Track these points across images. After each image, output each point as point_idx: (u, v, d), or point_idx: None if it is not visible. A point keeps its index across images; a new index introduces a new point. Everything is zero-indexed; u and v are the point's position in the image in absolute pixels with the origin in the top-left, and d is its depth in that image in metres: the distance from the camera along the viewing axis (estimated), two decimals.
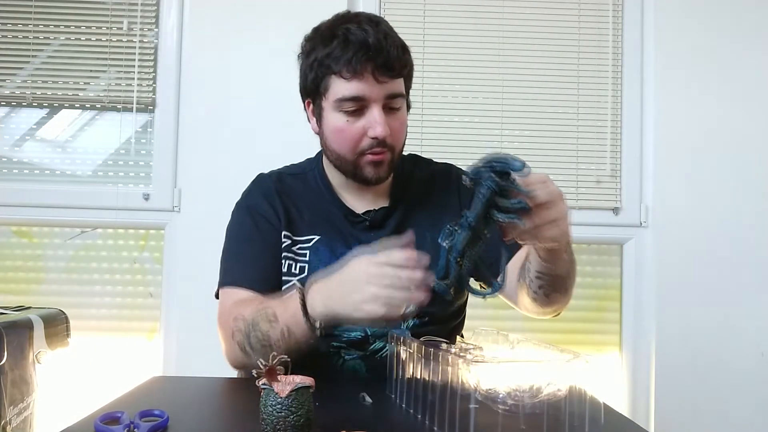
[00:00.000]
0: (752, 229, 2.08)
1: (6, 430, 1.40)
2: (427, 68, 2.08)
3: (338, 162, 1.10)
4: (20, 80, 2.08)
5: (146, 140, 2.09)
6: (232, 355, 1.03)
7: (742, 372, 2.05)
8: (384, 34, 1.01)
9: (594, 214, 2.11)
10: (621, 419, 0.85)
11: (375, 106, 1.02)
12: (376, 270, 0.84)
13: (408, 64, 1.07)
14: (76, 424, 0.77)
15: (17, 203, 2.03)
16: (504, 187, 0.76)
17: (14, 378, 1.44)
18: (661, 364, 2.05)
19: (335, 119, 1.05)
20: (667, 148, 2.09)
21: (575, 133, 2.13)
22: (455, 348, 0.83)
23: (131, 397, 0.92)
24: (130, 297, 2.08)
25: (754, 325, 2.06)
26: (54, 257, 2.07)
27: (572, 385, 0.75)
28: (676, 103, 2.10)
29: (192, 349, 1.96)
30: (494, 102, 2.12)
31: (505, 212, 0.77)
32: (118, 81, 2.08)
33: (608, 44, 2.14)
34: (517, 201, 0.76)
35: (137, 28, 2.09)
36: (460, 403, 0.72)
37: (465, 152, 2.10)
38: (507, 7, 2.14)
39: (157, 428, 0.74)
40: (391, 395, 0.92)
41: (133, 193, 2.05)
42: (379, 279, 0.83)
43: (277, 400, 0.70)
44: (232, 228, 1.17)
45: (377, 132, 1.02)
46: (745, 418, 2.04)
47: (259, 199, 1.16)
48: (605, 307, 2.15)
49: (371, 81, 1.01)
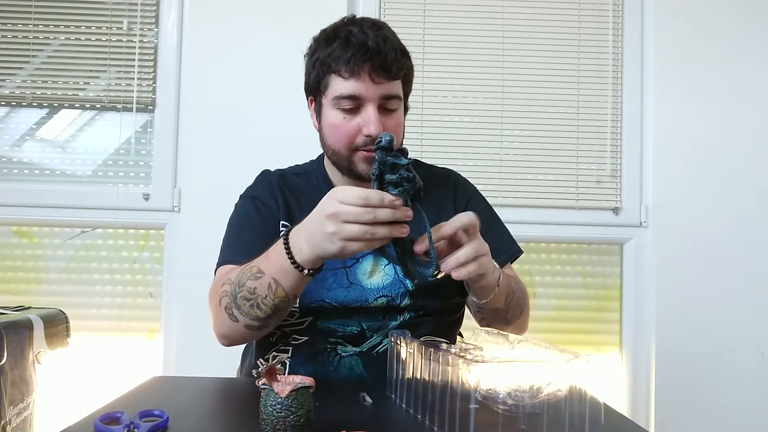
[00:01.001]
0: (752, 229, 2.08)
1: (6, 430, 1.40)
2: (427, 68, 2.08)
3: (334, 157, 1.13)
4: (20, 80, 2.08)
5: (146, 140, 2.09)
6: (221, 325, 1.03)
7: (742, 372, 2.05)
8: (384, 38, 1.05)
9: (594, 214, 2.12)
10: (621, 419, 0.85)
11: (370, 105, 1.06)
12: (335, 207, 0.83)
13: (405, 67, 1.10)
14: (76, 424, 0.77)
15: (17, 203, 2.03)
16: (386, 162, 0.84)
17: (14, 378, 1.44)
18: (661, 364, 2.06)
19: (332, 116, 1.09)
20: (667, 148, 2.10)
21: (575, 133, 2.13)
22: (455, 348, 0.83)
23: (131, 397, 0.92)
24: (130, 297, 2.08)
25: (753, 325, 2.06)
26: (54, 257, 2.07)
27: (572, 385, 0.75)
28: (676, 104, 2.10)
29: (192, 349, 1.96)
30: (494, 102, 2.12)
31: (394, 186, 0.84)
32: (118, 81, 2.08)
33: (608, 44, 2.14)
34: (398, 174, 0.84)
35: (137, 28, 2.09)
36: (460, 403, 0.72)
37: (465, 152, 2.10)
38: (507, 7, 2.14)
39: (157, 428, 0.74)
40: (391, 395, 0.92)
41: (133, 193, 2.05)
42: (338, 216, 0.83)
43: (277, 400, 0.70)
44: (233, 215, 1.20)
45: (371, 130, 1.05)
46: (745, 417, 2.04)
47: (261, 190, 1.20)
48: (605, 307, 2.15)
49: (368, 81, 1.05)
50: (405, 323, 1.10)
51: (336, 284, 1.10)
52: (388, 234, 0.83)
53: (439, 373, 0.76)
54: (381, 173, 0.84)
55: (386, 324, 1.10)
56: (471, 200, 1.24)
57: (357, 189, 0.82)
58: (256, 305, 0.97)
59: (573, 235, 2.12)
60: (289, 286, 0.95)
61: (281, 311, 0.99)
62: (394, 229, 0.83)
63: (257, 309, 0.97)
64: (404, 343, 0.89)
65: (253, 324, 0.99)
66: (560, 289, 2.14)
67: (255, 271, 0.97)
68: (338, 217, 0.82)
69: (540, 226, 2.10)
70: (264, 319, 0.99)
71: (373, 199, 0.81)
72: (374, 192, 0.83)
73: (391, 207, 0.82)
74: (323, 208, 0.85)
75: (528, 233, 2.05)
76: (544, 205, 2.11)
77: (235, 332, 1.02)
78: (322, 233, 0.85)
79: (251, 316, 0.99)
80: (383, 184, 0.84)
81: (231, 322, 1.01)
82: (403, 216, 0.83)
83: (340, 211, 0.82)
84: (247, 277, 0.97)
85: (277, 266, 0.94)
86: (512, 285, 1.10)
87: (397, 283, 1.11)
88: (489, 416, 0.74)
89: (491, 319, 1.09)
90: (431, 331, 1.06)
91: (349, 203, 0.82)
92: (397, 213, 0.83)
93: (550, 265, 2.15)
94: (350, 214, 0.82)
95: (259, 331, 1.02)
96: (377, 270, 1.12)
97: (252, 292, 0.97)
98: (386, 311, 1.11)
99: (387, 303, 1.10)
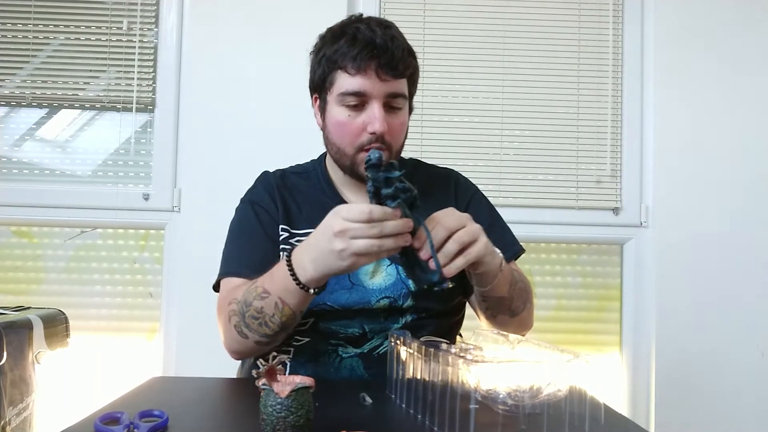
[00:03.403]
0: (752, 229, 2.08)
1: (6, 430, 1.40)
2: (427, 68, 2.08)
3: (338, 156, 1.12)
4: (20, 80, 2.08)
5: (146, 140, 2.09)
6: (231, 341, 1.04)
7: (742, 372, 2.05)
8: (391, 36, 1.05)
9: (594, 214, 2.12)
10: (621, 419, 0.85)
11: (375, 103, 1.05)
12: (342, 225, 0.85)
13: (412, 66, 1.09)
14: (76, 424, 0.77)
15: (17, 203, 2.03)
16: (379, 178, 0.85)
17: (14, 378, 1.44)
18: (661, 364, 2.05)
19: (337, 113, 1.08)
20: (667, 148, 2.10)
21: (575, 133, 2.13)
22: (455, 348, 0.83)
23: (131, 398, 0.92)
24: (130, 297, 2.08)
25: (753, 325, 2.06)
26: (54, 257, 2.07)
27: (572, 385, 0.75)
28: (676, 103, 2.10)
29: (192, 349, 1.96)
30: (494, 102, 2.12)
31: (392, 199, 0.85)
32: (118, 81, 2.08)
33: (608, 44, 2.14)
34: (393, 187, 0.85)
35: (137, 28, 2.09)
36: (460, 403, 0.72)
37: (465, 152, 2.10)
38: (507, 7, 2.14)
39: (156, 428, 0.74)
40: (391, 395, 0.92)
41: (133, 193, 2.05)
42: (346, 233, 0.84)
43: (276, 401, 0.70)
44: (234, 222, 1.20)
45: (375, 127, 1.05)
46: (745, 417, 2.04)
47: (260, 193, 1.19)
48: (605, 307, 2.15)
49: (374, 78, 1.04)
50: (407, 326, 1.10)
51: (338, 286, 1.09)
52: (394, 245, 0.85)
53: (439, 373, 0.76)
54: (377, 189, 0.86)
55: (388, 326, 1.09)
56: (472, 200, 1.24)
57: (360, 205, 0.84)
58: (264, 324, 0.98)
59: (573, 235, 2.12)
60: (295, 305, 0.96)
61: (289, 326, 1.00)
62: (399, 239, 0.85)
63: (265, 327, 0.98)
64: (404, 344, 0.89)
65: (262, 340, 1.01)
66: (560, 289, 2.14)
67: (260, 291, 0.97)
68: (346, 234, 0.84)
69: (540, 226, 2.10)
70: (273, 336, 1.00)
71: (377, 214, 0.83)
72: (376, 207, 0.84)
73: (393, 218, 0.84)
74: (329, 227, 0.86)
75: (528, 233, 2.05)
76: (544, 205, 2.11)
77: (246, 348, 1.03)
78: (330, 251, 0.86)
79: (260, 334, 1.00)
80: (381, 199, 0.86)
81: (241, 339, 1.02)
82: (405, 227, 0.85)
83: (347, 228, 0.84)
84: (253, 297, 0.98)
85: (281, 286, 0.95)
86: (515, 275, 1.09)
87: (399, 283, 1.11)
88: (489, 416, 0.74)
89: (496, 308, 1.08)
90: (433, 333, 1.05)
91: (355, 220, 0.83)
92: (400, 225, 0.84)
93: (550, 265, 2.15)
94: (357, 229, 0.83)
95: (268, 345, 1.03)
96: (379, 270, 1.12)
97: (259, 311, 0.98)
98: (388, 313, 1.10)
99: (390, 304, 1.10)
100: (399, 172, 0.85)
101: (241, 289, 1.03)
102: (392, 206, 0.85)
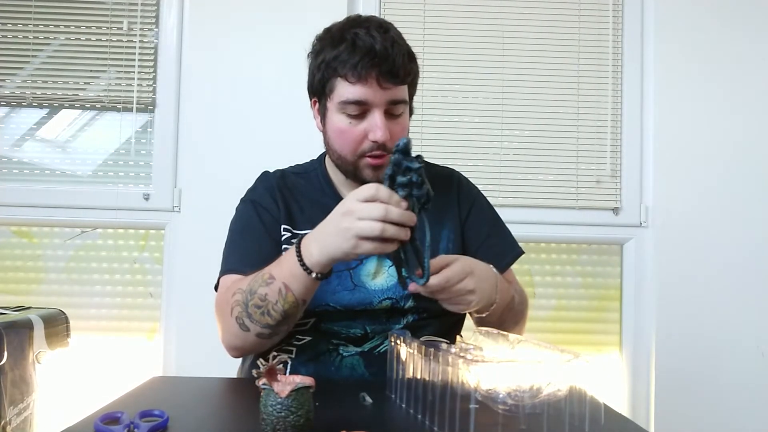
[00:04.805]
0: (752, 229, 2.08)
1: (6, 430, 1.40)
2: (427, 68, 2.08)
3: (339, 161, 1.12)
4: (20, 80, 2.08)
5: (146, 140, 2.09)
6: (231, 336, 1.03)
7: (742, 372, 2.05)
8: (392, 41, 1.03)
9: (594, 214, 2.12)
10: (621, 419, 0.85)
11: (377, 111, 1.04)
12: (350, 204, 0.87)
13: (412, 72, 1.09)
14: (76, 424, 0.77)
15: (17, 203, 2.03)
16: (400, 163, 0.85)
17: (14, 378, 1.44)
18: (661, 364, 2.05)
19: (338, 120, 1.07)
20: (667, 148, 2.10)
21: (575, 133, 2.13)
22: (455, 348, 0.83)
23: (131, 397, 0.92)
24: (130, 297, 2.08)
25: (754, 326, 2.06)
26: (54, 257, 2.07)
27: (572, 385, 0.75)
28: (676, 103, 2.10)
29: (192, 349, 1.96)
30: (494, 102, 2.12)
31: (403, 188, 0.86)
32: (118, 81, 2.09)
33: (608, 44, 2.14)
34: (408, 178, 0.85)
35: (137, 28, 2.09)
36: (460, 403, 0.72)
37: (465, 152, 2.10)
38: (507, 7, 2.14)
39: (157, 428, 0.74)
40: (391, 395, 0.92)
41: (133, 193, 2.05)
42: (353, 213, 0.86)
43: (277, 400, 0.70)
44: (235, 220, 1.19)
45: (377, 136, 1.04)
46: (745, 418, 2.04)
47: (261, 193, 1.19)
48: (605, 307, 2.15)
49: (375, 86, 1.03)
50: (408, 326, 1.10)
51: (340, 287, 1.09)
52: (395, 234, 0.84)
53: (439, 373, 0.76)
54: (393, 174, 0.86)
55: (390, 327, 1.09)
56: (475, 203, 1.24)
57: (371, 184, 0.86)
58: (267, 312, 0.97)
59: (573, 235, 2.12)
60: (299, 291, 0.95)
61: (291, 317, 0.99)
62: (401, 230, 0.85)
63: (268, 316, 0.98)
64: (404, 344, 0.89)
65: (264, 332, 1.00)
66: (560, 289, 2.14)
67: (267, 277, 0.98)
68: (353, 214, 0.85)
69: (540, 226, 2.10)
70: (275, 327, 0.99)
71: (383, 194, 0.84)
72: (384, 188, 0.85)
73: (397, 206, 0.84)
74: (341, 205, 0.88)
75: (528, 233, 2.05)
76: (544, 205, 2.11)
77: (246, 342, 1.02)
78: (336, 231, 0.88)
79: (262, 324, 0.99)
80: (394, 185, 0.87)
81: (242, 332, 1.01)
82: (408, 219, 0.85)
83: (355, 208, 0.85)
84: (259, 283, 0.98)
85: (287, 271, 0.95)
86: (511, 302, 1.10)
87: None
88: (489, 416, 0.74)
89: (487, 325, 1.09)
90: (434, 334, 1.05)
91: (363, 197, 0.85)
92: (404, 215, 0.85)
93: (550, 265, 2.15)
94: (363, 209, 0.84)
95: (269, 340, 1.02)
96: (381, 271, 1.12)
97: (263, 299, 0.97)
98: (390, 314, 1.10)
99: (391, 305, 1.10)
100: (419, 165, 0.86)
101: (245, 281, 1.02)
102: (401, 195, 0.86)
